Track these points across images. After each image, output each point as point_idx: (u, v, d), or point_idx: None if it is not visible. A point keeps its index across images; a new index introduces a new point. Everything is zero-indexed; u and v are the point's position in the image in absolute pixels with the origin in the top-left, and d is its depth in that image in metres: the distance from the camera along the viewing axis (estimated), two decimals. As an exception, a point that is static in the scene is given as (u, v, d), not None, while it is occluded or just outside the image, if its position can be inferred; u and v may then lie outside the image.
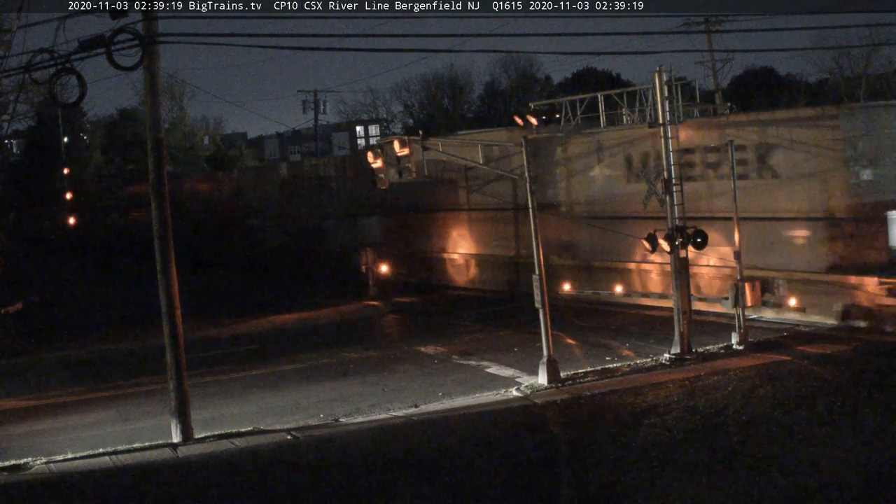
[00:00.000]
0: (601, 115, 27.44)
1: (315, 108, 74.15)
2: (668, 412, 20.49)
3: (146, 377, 27.60)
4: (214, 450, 20.30)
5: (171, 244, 21.35)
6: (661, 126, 26.12)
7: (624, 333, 30.00)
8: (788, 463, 16.89)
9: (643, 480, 16.57)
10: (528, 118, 27.55)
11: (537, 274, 24.63)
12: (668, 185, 26.01)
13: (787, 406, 20.24)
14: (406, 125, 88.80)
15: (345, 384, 26.13)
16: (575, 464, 17.87)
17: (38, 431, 23.12)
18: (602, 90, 28.31)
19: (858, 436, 18.04)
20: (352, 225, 49.87)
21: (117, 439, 21.35)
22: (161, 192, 21.29)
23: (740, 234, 26.68)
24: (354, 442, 20.29)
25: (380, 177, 27.27)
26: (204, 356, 29.53)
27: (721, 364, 24.51)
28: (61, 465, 19.77)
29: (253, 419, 22.61)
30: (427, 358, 28.93)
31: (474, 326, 33.50)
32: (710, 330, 28.23)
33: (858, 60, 63.88)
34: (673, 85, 26.05)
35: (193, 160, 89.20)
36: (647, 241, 26.30)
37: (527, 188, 25.23)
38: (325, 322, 37.25)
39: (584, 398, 22.48)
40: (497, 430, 20.53)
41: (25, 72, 20.12)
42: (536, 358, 24.77)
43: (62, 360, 32.69)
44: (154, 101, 21.25)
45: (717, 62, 53.14)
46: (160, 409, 23.17)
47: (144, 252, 31.59)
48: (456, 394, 23.92)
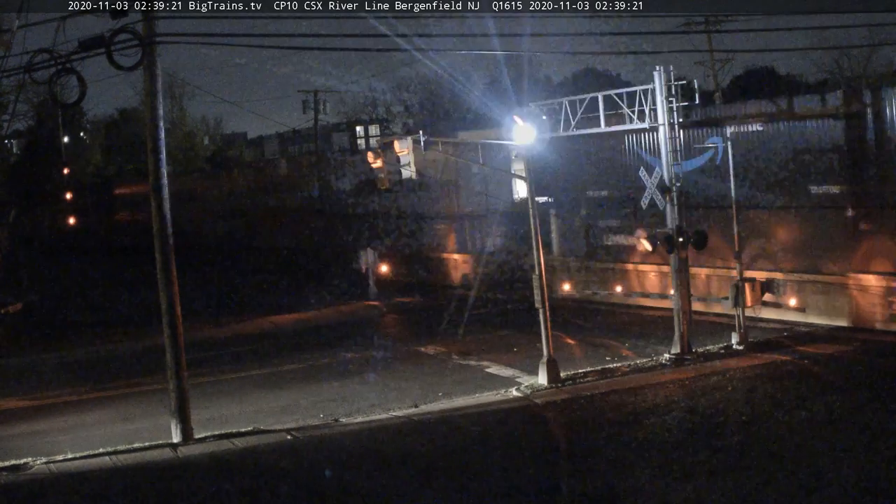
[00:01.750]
0: (601, 115, 27.39)
1: (315, 108, 74.09)
2: (668, 412, 20.50)
3: (146, 377, 27.61)
4: (214, 450, 20.31)
5: (171, 244, 21.35)
6: (661, 126, 26.12)
7: (624, 333, 30.00)
8: (788, 463, 16.90)
9: (643, 480, 16.57)
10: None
11: (537, 274, 24.64)
12: (668, 185, 26.01)
13: (787, 406, 20.25)
14: (406, 125, 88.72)
15: (345, 384, 26.13)
16: (575, 464, 17.88)
17: (38, 431, 23.13)
18: (602, 90, 28.22)
19: (858, 436, 18.04)
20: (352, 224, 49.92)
21: (117, 439, 21.34)
22: (161, 192, 21.29)
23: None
24: (354, 442, 20.30)
25: (380, 177, 27.28)
26: (204, 356, 29.54)
27: (721, 364, 24.52)
28: (61, 465, 19.76)
29: (253, 419, 22.61)
30: (427, 358, 28.93)
31: (474, 326, 33.49)
32: (711, 330, 28.23)
33: (858, 60, 63.86)
34: (673, 85, 26.03)
35: (193, 160, 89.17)
36: (647, 240, 26.30)
37: (527, 188, 25.22)
38: (325, 322, 37.25)
39: (584, 398, 22.48)
40: (497, 430, 20.53)
41: (25, 72, 20.11)
42: (536, 358, 24.77)
43: (62, 360, 32.69)
44: (154, 101, 21.24)
45: (717, 62, 53.14)
46: (160, 409, 23.17)
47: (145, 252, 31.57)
48: (456, 394, 23.92)
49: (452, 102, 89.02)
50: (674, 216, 25.96)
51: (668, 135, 25.98)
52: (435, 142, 28.04)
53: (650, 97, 26.10)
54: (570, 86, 72.97)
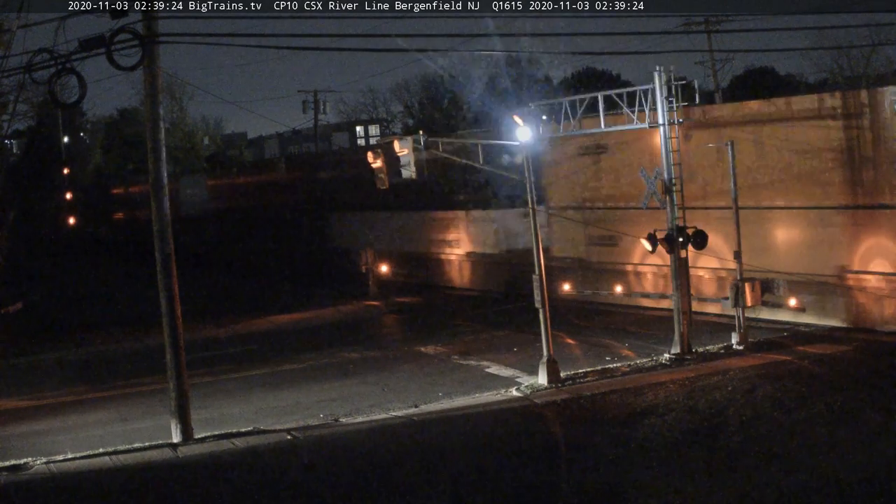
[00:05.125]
0: (601, 115, 27.39)
1: (315, 108, 74.13)
2: (668, 412, 20.50)
3: (146, 377, 27.60)
4: (214, 450, 20.31)
5: (172, 243, 21.36)
6: (661, 126, 26.13)
7: (624, 333, 30.00)
8: (788, 463, 16.90)
9: (643, 480, 16.58)
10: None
11: (537, 274, 24.64)
12: (668, 185, 26.01)
13: (787, 406, 20.25)
14: (406, 125, 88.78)
15: (345, 384, 26.13)
16: (575, 464, 17.88)
17: (38, 431, 23.13)
18: (602, 90, 28.22)
19: (858, 436, 18.04)
20: (352, 224, 49.91)
21: (117, 439, 21.35)
22: (161, 191, 21.29)
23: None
24: (354, 442, 20.30)
25: (380, 177, 27.28)
26: (204, 356, 29.55)
27: (721, 364, 24.51)
28: (61, 465, 19.76)
29: (253, 419, 22.61)
30: (427, 358, 28.93)
31: (474, 326, 33.50)
32: (710, 330, 28.23)
33: (858, 60, 63.88)
34: (673, 85, 26.04)
35: (193, 160, 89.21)
36: (647, 240, 26.30)
37: (527, 188, 25.22)
38: (325, 322, 37.25)
39: (584, 398, 22.48)
40: (497, 430, 20.53)
41: (25, 72, 20.12)
42: (536, 358, 24.77)
43: (62, 360, 32.70)
44: (154, 101, 21.25)
45: (717, 62, 53.18)
46: (160, 409, 23.17)
47: (145, 251, 31.59)
48: (456, 394, 23.92)
49: (452, 102, 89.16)
50: (674, 216, 25.96)
51: (669, 134, 26.01)
52: (435, 142, 28.06)
53: (650, 97, 26.11)
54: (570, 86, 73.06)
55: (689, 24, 51.54)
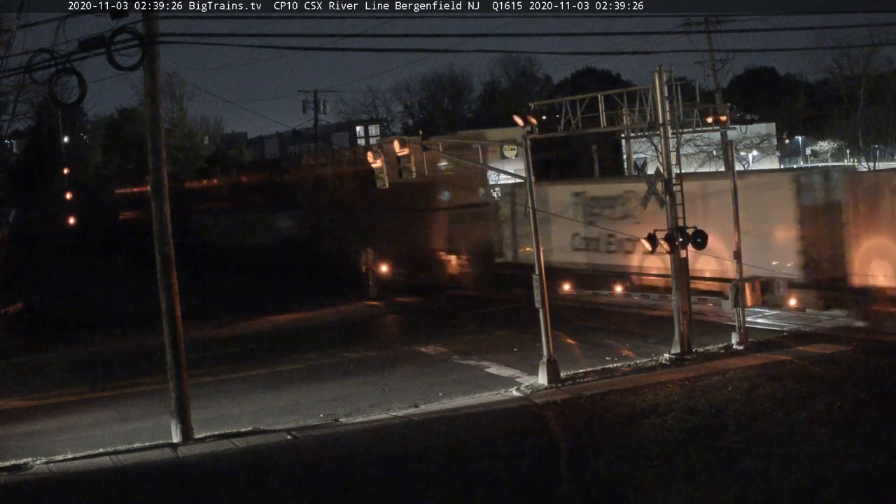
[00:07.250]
0: (601, 116, 27.41)
1: (315, 108, 74.13)
2: (668, 412, 20.49)
3: (146, 377, 27.58)
4: (214, 450, 20.30)
5: (171, 244, 21.35)
6: (661, 126, 26.13)
7: (624, 333, 29.99)
8: (788, 463, 16.89)
9: (643, 480, 16.58)
10: (528, 118, 27.52)
11: (537, 274, 24.64)
12: (668, 185, 26.02)
13: (787, 406, 20.24)
14: (406, 125, 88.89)
15: (345, 384, 26.12)
16: (575, 464, 17.87)
17: (38, 431, 23.11)
18: (602, 90, 28.22)
19: (858, 436, 18.04)
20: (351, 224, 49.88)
21: (117, 439, 21.33)
22: (161, 191, 21.29)
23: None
24: (354, 442, 20.29)
25: (380, 177, 27.26)
26: (204, 356, 29.51)
27: (721, 364, 24.51)
28: (61, 465, 19.75)
29: (253, 419, 22.60)
30: (427, 358, 28.92)
31: (474, 326, 33.49)
32: (710, 330, 28.23)
33: (858, 60, 63.89)
34: (673, 85, 26.05)
35: (193, 160, 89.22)
36: (647, 240, 26.29)
37: (528, 188, 25.22)
38: (325, 322, 37.23)
39: (584, 398, 22.47)
40: (497, 430, 20.52)
41: (25, 72, 20.11)
42: (536, 358, 24.77)
43: (62, 360, 32.67)
44: (154, 101, 21.24)
45: (717, 62, 53.10)
46: (160, 409, 23.15)
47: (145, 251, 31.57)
48: (456, 394, 23.91)
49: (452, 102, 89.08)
50: (674, 215, 25.96)
51: (668, 134, 26.02)
52: (435, 142, 28.05)
53: (650, 97, 26.11)
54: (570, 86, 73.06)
55: (689, 24, 51.48)
